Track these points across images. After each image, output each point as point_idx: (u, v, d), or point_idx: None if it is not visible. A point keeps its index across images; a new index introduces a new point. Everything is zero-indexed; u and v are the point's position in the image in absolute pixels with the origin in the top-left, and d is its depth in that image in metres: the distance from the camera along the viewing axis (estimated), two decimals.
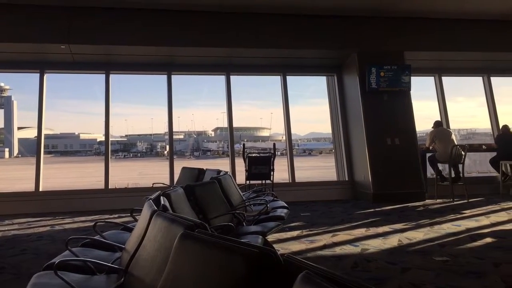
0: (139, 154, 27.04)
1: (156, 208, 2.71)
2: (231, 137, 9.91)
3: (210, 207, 4.26)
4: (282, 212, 4.92)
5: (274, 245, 5.12)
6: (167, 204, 3.14)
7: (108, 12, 8.62)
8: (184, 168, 7.87)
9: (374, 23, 9.36)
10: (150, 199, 3.16)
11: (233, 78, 10.20)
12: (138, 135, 27.96)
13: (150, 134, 27.39)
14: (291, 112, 10.15)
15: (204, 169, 7.11)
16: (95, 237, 3.43)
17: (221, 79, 10.22)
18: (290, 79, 10.46)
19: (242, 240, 1.91)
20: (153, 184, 7.58)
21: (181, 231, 2.04)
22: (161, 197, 3.31)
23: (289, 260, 1.60)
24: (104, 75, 9.55)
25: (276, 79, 10.36)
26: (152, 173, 16.63)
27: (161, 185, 7.86)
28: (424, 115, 12.35)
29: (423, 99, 12.94)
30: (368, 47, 9.35)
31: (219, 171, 6.26)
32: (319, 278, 1.33)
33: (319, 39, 9.20)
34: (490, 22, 9.62)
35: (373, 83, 9.14)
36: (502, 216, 6.97)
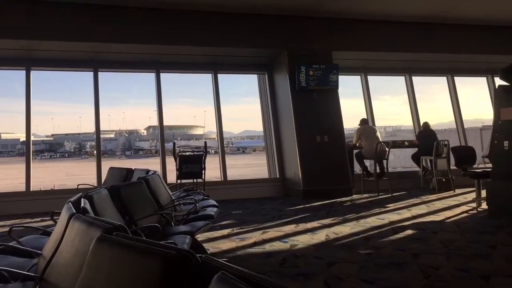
0: (66, 154, 25.89)
1: (74, 211, 2.59)
2: (162, 136, 9.75)
3: (136, 208, 4.14)
4: (212, 211, 4.89)
5: (204, 244, 5.08)
6: (88, 207, 3.02)
7: (30, 4, 8.15)
8: (111, 168, 7.62)
9: (303, 23, 9.54)
10: (70, 201, 3.02)
11: (166, 76, 10.04)
12: (66, 134, 26.76)
13: (79, 133, 26.31)
14: (225, 110, 10.18)
15: (133, 169, 6.93)
16: (10, 243, 3.23)
17: (151, 76, 10.01)
18: (222, 77, 10.45)
19: (162, 242, 1.87)
20: (78, 185, 7.21)
21: (99, 234, 1.96)
22: (82, 199, 3.17)
23: (207, 261, 1.58)
24: (24, 71, 9.05)
25: (209, 77, 10.30)
26: (80, 174, 15.98)
27: (88, 186, 7.55)
28: (352, 113, 12.79)
29: (351, 98, 13.37)
30: (297, 46, 9.51)
31: (148, 171, 6.12)
32: (234, 278, 1.32)
33: (250, 37, 9.24)
34: (411, 24, 10.08)
35: (303, 81, 9.31)
36: (422, 209, 7.36)
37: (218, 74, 10.20)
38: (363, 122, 9.88)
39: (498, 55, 9.88)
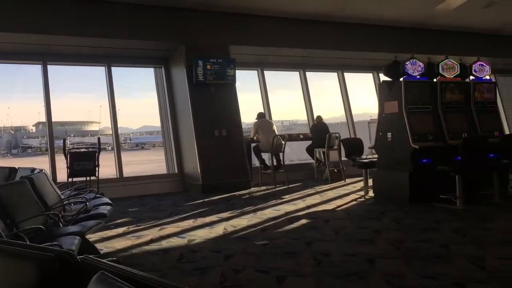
0: None
1: None
2: (50, 132, 9.16)
3: (18, 209, 3.83)
4: (105, 209, 4.68)
5: (98, 244, 4.87)
6: None
7: None
8: None
9: (200, 17, 9.46)
10: None
11: (56, 68, 9.48)
12: None
13: None
14: (122, 105, 9.84)
15: (17, 168, 6.42)
16: None
17: (38, 69, 9.33)
18: (119, 70, 10.07)
19: (44, 245, 1.74)
20: None
21: None
22: None
23: (86, 262, 1.50)
24: None
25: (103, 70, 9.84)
26: None
27: None
28: (250, 107, 12.98)
29: (249, 92, 13.56)
30: (195, 40, 9.42)
31: (33, 169, 5.70)
32: (114, 277, 1.27)
33: (144, 30, 8.97)
34: (304, 22, 10.44)
35: (200, 75, 9.25)
36: (316, 199, 7.70)
37: (112, 67, 9.78)
38: (260, 116, 10.08)
39: (382, 53, 10.57)
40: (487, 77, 7.83)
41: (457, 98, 7.32)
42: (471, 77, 7.60)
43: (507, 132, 10.12)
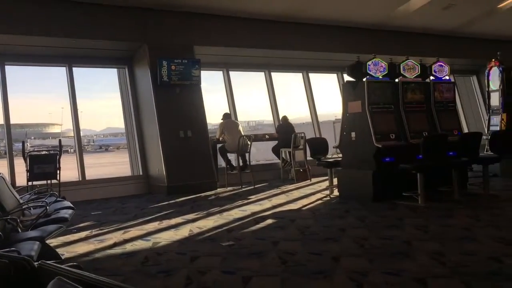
0: None
1: None
2: (9, 135, 8.87)
3: None
4: (66, 213, 4.57)
5: (59, 249, 4.75)
6: None
7: None
8: None
9: (164, 17, 9.36)
10: None
11: (14, 68, 9.21)
12: None
13: None
14: (85, 106, 9.63)
15: None
16: None
17: None
18: (79, 71, 9.84)
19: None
20: None
21: None
22: None
23: (43, 267, 1.46)
24: None
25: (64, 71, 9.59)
26: None
27: None
28: (215, 108, 12.91)
29: (215, 93, 13.50)
30: (158, 40, 9.32)
31: None
32: (71, 283, 1.24)
33: (107, 29, 8.81)
34: (269, 22, 10.47)
35: (165, 76, 9.14)
36: (281, 199, 7.74)
37: (73, 68, 9.55)
38: (226, 116, 10.06)
39: (345, 53, 10.72)
40: (446, 77, 8.05)
41: (418, 98, 7.50)
42: (431, 77, 7.80)
43: (465, 130, 10.46)
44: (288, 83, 13.13)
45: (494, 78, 9.44)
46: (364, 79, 7.09)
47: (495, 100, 9.41)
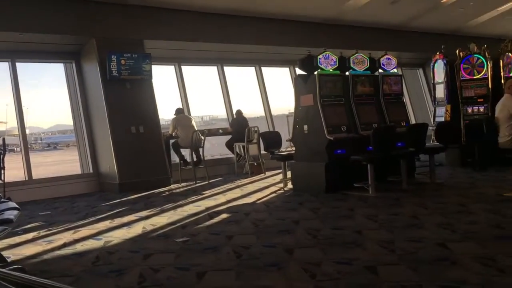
0: None
1: None
2: None
3: None
4: (11, 214, 4.35)
5: (5, 252, 4.54)
6: None
7: None
8: None
9: (112, 10, 9.10)
10: None
11: None
12: None
13: None
14: (31, 103, 9.23)
15: None
16: None
17: None
18: (24, 66, 9.45)
19: None
20: None
21: None
22: None
23: None
24: None
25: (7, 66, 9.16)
26: None
27: None
28: (168, 103, 12.72)
29: (168, 87, 13.31)
30: (107, 33, 9.05)
31: None
32: (10, 286, 1.19)
33: (51, 23, 8.48)
34: (221, 16, 10.40)
35: (114, 71, 8.91)
36: (236, 193, 7.74)
37: (16, 63, 9.14)
38: (179, 111, 9.94)
39: (297, 47, 10.81)
40: (394, 70, 8.28)
41: (368, 90, 7.68)
42: (380, 71, 7.99)
43: (413, 121, 10.80)
44: (242, 77, 13.12)
45: (439, 71, 9.78)
46: (316, 73, 7.17)
47: (440, 92, 9.77)
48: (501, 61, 8.93)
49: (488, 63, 8.94)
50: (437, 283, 3.06)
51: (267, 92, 12.35)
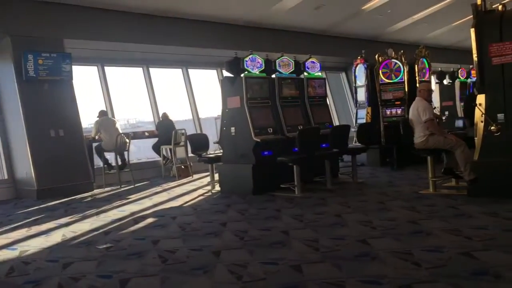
0: None
1: None
2: None
3: None
4: None
5: None
6: None
7: None
8: None
9: (29, 6, 8.59)
10: None
11: None
12: None
13: None
14: None
15: None
16: None
17: None
18: None
19: None
20: None
21: None
22: None
23: None
24: None
25: None
26: None
27: None
28: (92, 105, 12.23)
29: (91, 89, 12.80)
30: (24, 31, 8.53)
31: None
32: None
33: None
34: (147, 17, 10.14)
35: (31, 71, 8.40)
36: (163, 197, 7.60)
37: None
38: (102, 114, 9.58)
39: (224, 49, 10.78)
40: (318, 73, 8.51)
41: (293, 93, 7.85)
42: (305, 74, 8.18)
43: (336, 123, 11.18)
44: (169, 79, 12.90)
45: (360, 75, 10.20)
46: (242, 75, 7.20)
47: (361, 94, 10.20)
48: (416, 66, 9.45)
49: (405, 68, 9.42)
50: (358, 278, 3.16)
51: (194, 94, 12.23)
